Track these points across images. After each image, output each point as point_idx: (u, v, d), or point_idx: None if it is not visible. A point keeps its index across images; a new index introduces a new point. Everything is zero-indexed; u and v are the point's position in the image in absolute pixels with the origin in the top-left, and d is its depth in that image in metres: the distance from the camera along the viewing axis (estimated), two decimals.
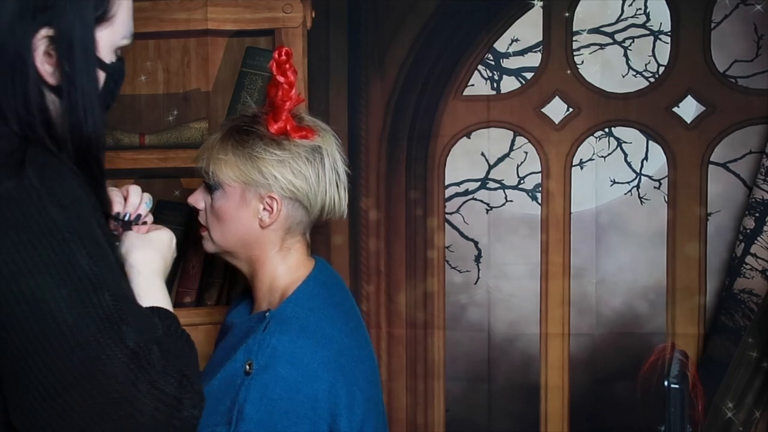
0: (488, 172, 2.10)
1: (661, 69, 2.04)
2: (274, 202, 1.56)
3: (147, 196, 1.40)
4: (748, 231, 2.00)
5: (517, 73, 2.08)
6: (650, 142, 2.06)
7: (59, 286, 0.93)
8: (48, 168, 0.97)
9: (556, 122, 2.08)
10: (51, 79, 1.03)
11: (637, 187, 2.06)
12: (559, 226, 2.09)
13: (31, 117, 1.00)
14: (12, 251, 0.92)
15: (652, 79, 2.05)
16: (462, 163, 2.10)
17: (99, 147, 1.07)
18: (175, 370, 1.00)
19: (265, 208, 1.56)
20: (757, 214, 2.00)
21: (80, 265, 0.95)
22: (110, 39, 1.09)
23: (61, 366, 0.93)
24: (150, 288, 1.19)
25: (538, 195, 2.09)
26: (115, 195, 1.34)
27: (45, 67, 1.02)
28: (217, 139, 1.57)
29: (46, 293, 0.92)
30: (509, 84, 2.08)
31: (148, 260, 1.24)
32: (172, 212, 2.04)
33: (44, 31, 1.00)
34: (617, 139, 2.07)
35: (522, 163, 2.09)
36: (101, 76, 1.08)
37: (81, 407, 0.93)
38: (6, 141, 0.97)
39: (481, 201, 2.10)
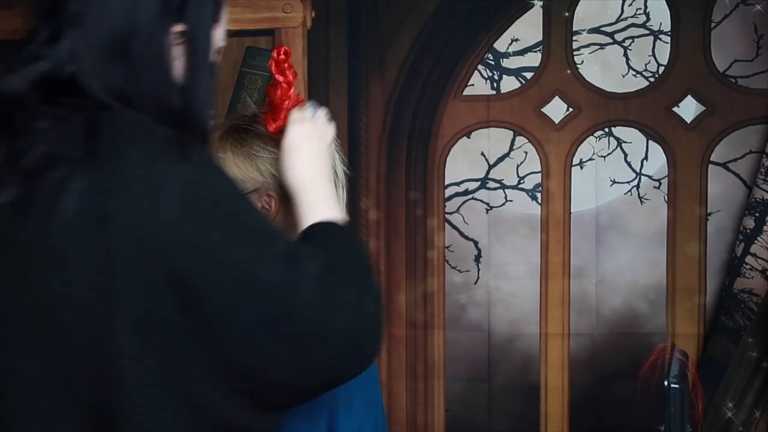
0: (488, 172, 2.10)
1: (661, 69, 2.04)
2: (272, 201, 1.56)
3: None
4: (748, 231, 2.00)
5: (517, 73, 2.08)
6: (650, 142, 2.06)
7: (252, 249, 0.96)
8: (197, 146, 1.00)
9: (556, 122, 2.08)
10: (179, 72, 1.05)
11: (637, 187, 2.06)
12: (559, 226, 2.08)
13: (165, 108, 1.03)
14: (208, 227, 0.94)
15: (652, 79, 2.05)
16: (462, 163, 2.10)
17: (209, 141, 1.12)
18: (355, 282, 1.06)
19: (263, 207, 1.56)
20: (757, 214, 2.00)
21: (254, 224, 0.98)
22: (218, 38, 1.12)
23: (268, 317, 0.95)
24: (315, 195, 1.22)
25: (538, 195, 2.09)
26: None
27: (175, 61, 1.05)
28: (215, 138, 1.56)
29: (248, 262, 0.95)
30: (509, 84, 2.08)
31: (299, 175, 1.25)
32: None
33: (177, 27, 1.03)
34: (617, 139, 2.07)
35: (522, 163, 2.09)
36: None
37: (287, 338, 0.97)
38: (161, 128, 0.99)
39: (481, 201, 2.10)
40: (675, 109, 2.05)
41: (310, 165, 1.24)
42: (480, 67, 2.08)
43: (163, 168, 0.93)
